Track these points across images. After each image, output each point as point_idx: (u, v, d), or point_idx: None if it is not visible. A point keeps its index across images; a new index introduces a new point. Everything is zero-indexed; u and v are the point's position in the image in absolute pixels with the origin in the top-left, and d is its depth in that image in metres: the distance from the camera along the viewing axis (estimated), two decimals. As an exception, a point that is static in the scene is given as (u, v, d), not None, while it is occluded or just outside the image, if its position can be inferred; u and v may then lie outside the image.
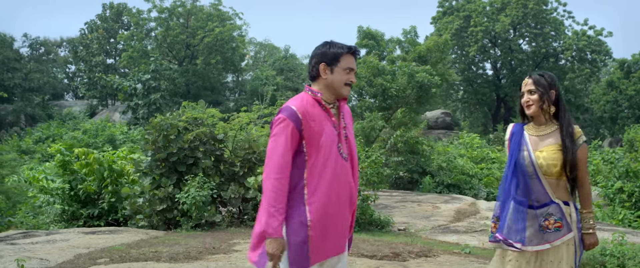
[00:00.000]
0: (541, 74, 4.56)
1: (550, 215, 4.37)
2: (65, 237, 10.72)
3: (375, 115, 24.66)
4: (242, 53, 62.66)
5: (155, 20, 61.23)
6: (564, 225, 4.37)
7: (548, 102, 4.46)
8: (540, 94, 4.45)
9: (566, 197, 4.44)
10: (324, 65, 4.18)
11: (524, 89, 4.55)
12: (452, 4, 58.12)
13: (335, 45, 4.24)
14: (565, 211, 4.40)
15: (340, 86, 4.20)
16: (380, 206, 16.16)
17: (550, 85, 4.48)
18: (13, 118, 63.81)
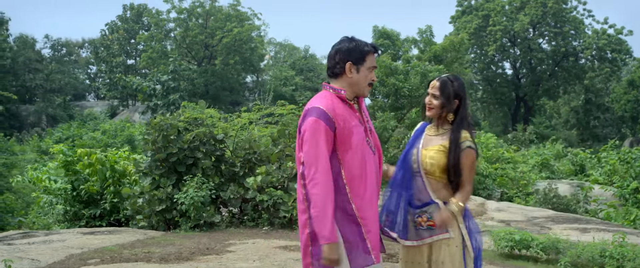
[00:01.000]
0: (451, 80, 4.47)
1: (424, 213, 4.33)
2: (62, 237, 10.73)
3: (387, 115, 24.50)
4: (261, 53, 62.64)
5: (174, 21, 61.45)
6: (438, 224, 4.31)
7: (447, 111, 4.42)
8: (441, 103, 4.42)
9: (448, 199, 4.37)
10: (351, 64, 4.14)
11: (430, 90, 4.51)
12: (471, 3, 57.71)
13: (361, 43, 4.21)
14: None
15: (364, 86, 4.21)
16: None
17: (455, 94, 4.42)
18: (35, 118, 64.34)
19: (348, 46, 4.18)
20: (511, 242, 9.93)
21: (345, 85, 4.18)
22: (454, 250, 4.28)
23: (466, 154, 4.31)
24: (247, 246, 9.87)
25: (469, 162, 4.32)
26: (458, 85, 4.43)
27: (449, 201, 4.33)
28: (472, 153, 4.33)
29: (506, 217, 14.25)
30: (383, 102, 26.38)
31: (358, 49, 4.16)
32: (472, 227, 4.45)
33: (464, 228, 4.35)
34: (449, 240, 4.28)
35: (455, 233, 4.30)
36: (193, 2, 59.74)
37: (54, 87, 68.64)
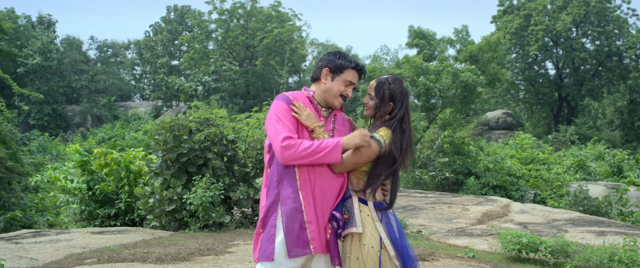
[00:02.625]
0: (388, 82, 4.38)
1: (345, 207, 4.26)
2: (71, 237, 10.79)
3: (417, 116, 24.34)
4: (302, 54, 62.72)
5: (215, 22, 61.84)
6: (350, 218, 4.21)
7: (380, 112, 4.34)
8: (374, 104, 4.36)
9: (366, 196, 4.27)
10: (327, 70, 4.30)
11: (368, 90, 4.44)
12: (512, 2, 57.06)
13: (345, 58, 4.34)
14: (357, 206, 4.23)
15: (334, 95, 4.30)
16: (409, 208, 15.91)
17: (390, 97, 4.33)
18: (80, 119, 65.29)
19: (332, 57, 4.34)
20: (518, 245, 9.72)
21: (319, 91, 4.33)
22: (367, 250, 4.13)
23: (371, 141, 4.21)
24: (250, 247, 9.81)
25: (366, 153, 4.19)
26: (394, 88, 4.34)
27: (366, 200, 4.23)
28: (373, 142, 4.18)
29: (526, 219, 14.00)
30: (414, 102, 26.17)
31: (340, 61, 4.29)
32: (394, 232, 4.28)
33: (381, 227, 4.19)
34: (356, 236, 4.17)
35: (366, 231, 4.16)
36: (234, 3, 60.09)
37: (98, 87, 69.61)
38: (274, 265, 4.08)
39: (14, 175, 16.92)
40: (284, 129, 4.05)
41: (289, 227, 4.06)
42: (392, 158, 4.24)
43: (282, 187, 4.13)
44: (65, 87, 66.89)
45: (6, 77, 18.01)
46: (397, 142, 4.24)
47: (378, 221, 4.20)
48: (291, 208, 4.07)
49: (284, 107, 4.13)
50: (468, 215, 14.62)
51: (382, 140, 4.20)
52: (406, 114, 4.34)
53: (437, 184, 24.08)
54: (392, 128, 4.25)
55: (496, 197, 19.52)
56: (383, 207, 4.29)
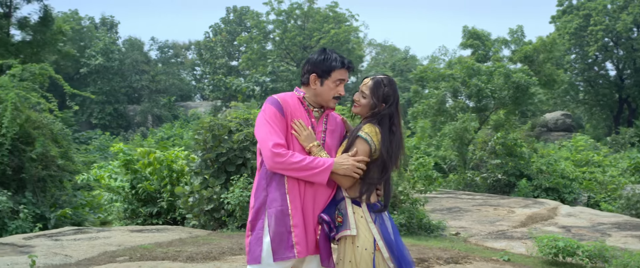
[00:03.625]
0: (384, 83, 4.34)
1: (337, 209, 4.24)
2: (110, 234, 10.96)
3: (468, 117, 24.09)
4: (359, 54, 62.61)
5: (273, 23, 62.14)
6: (344, 221, 4.19)
7: (371, 113, 4.29)
8: (368, 102, 4.32)
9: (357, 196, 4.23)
10: (315, 76, 4.27)
11: (361, 87, 4.39)
12: (572, 2, 56.01)
13: (330, 58, 4.27)
14: (350, 208, 4.20)
15: (327, 99, 4.30)
16: (453, 210, 15.77)
17: (384, 98, 4.30)
18: (141, 118, 66.39)
19: (316, 59, 4.30)
20: (554, 248, 9.54)
21: (309, 94, 4.32)
22: (360, 252, 4.12)
23: (356, 143, 4.20)
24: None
25: (360, 151, 4.19)
26: (389, 90, 4.32)
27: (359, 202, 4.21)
28: (362, 144, 4.18)
29: (571, 222, 13.74)
30: (465, 103, 25.95)
31: (325, 63, 4.25)
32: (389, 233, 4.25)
33: (374, 228, 4.17)
34: (350, 238, 4.15)
35: (360, 233, 4.14)
36: (291, 3, 60.34)
37: (159, 87, 70.65)
38: (261, 267, 4.09)
39: (65, 174, 17.25)
40: (273, 134, 4.06)
41: (275, 230, 4.06)
42: (383, 163, 4.22)
43: (270, 190, 4.13)
44: (127, 87, 68.12)
45: (58, 77, 18.32)
46: (387, 145, 4.22)
47: (372, 222, 4.18)
48: (278, 211, 4.07)
49: (273, 111, 4.14)
50: (512, 218, 14.43)
51: (368, 138, 4.18)
52: (395, 113, 4.30)
53: (489, 186, 23.80)
54: (378, 123, 4.23)
55: (545, 199, 19.20)
56: (377, 208, 4.25)
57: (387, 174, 4.29)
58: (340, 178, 4.16)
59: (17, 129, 15.00)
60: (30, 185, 15.62)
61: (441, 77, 25.27)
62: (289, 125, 4.17)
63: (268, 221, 4.08)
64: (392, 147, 4.24)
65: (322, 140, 4.29)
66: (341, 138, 4.48)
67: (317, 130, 4.28)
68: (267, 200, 4.12)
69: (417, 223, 12.14)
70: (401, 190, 12.27)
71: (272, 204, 4.09)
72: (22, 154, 15.51)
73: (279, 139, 4.06)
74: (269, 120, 4.11)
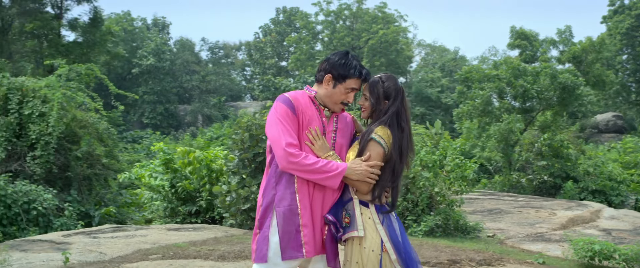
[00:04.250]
0: (382, 81, 4.34)
1: (345, 210, 4.22)
2: (147, 232, 11.13)
3: (513, 118, 23.84)
4: (407, 55, 62.38)
5: (322, 24, 62.27)
6: (351, 222, 4.17)
7: (377, 112, 4.30)
8: (369, 104, 4.33)
9: (365, 197, 4.22)
10: (330, 77, 4.25)
11: (363, 91, 4.40)
12: (624, 2, 55.02)
13: (350, 65, 4.24)
14: (358, 209, 4.18)
15: (335, 101, 4.28)
16: (494, 211, 15.63)
17: (385, 95, 4.29)
18: (191, 118, 67.01)
19: (336, 61, 4.27)
20: (590, 252, 9.40)
21: (321, 93, 4.28)
22: (367, 254, 4.10)
23: (369, 146, 4.17)
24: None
25: (368, 154, 4.17)
26: (388, 86, 4.30)
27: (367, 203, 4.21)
28: (376, 147, 4.16)
29: (612, 225, 13.53)
30: (510, 104, 25.69)
31: (343, 68, 4.23)
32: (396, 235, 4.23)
33: (382, 230, 4.16)
34: (357, 239, 4.14)
35: (368, 234, 4.13)
36: (340, 4, 60.39)
37: (209, 88, 71.26)
38: (268, 266, 4.09)
39: (110, 172, 17.55)
40: (285, 134, 4.06)
41: (284, 229, 4.05)
42: (393, 164, 4.20)
43: (279, 188, 4.13)
44: (178, 87, 68.84)
45: (104, 77, 18.65)
46: (398, 146, 4.20)
47: (379, 224, 4.16)
48: (287, 210, 4.07)
49: (284, 110, 4.12)
50: (553, 220, 14.25)
51: (382, 141, 4.16)
52: (402, 110, 4.28)
53: (535, 188, 23.55)
54: (388, 124, 4.20)
55: (590, 202, 18.92)
56: (386, 210, 4.24)
57: (398, 175, 4.27)
58: (357, 182, 4.16)
59: (63, 128, 15.28)
60: (76, 184, 15.92)
61: (486, 78, 25.06)
62: (301, 123, 4.16)
63: (277, 220, 4.08)
64: (402, 147, 4.24)
65: (333, 140, 4.28)
66: (351, 137, 4.47)
67: (327, 130, 4.27)
68: (276, 199, 4.12)
69: (454, 224, 12.08)
70: (438, 191, 12.22)
71: (281, 203, 4.09)
72: (68, 153, 15.81)
73: (292, 139, 4.06)
74: (281, 119, 4.10)
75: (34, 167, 14.98)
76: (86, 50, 38.07)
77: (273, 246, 4.07)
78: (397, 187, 4.32)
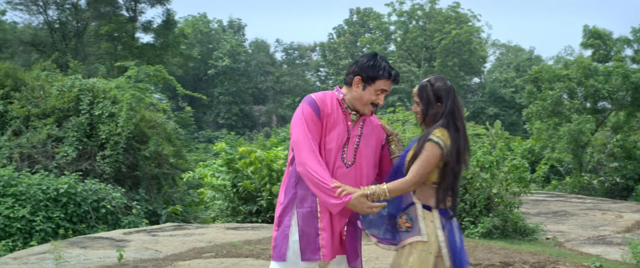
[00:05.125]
0: (430, 84, 4.29)
1: (405, 214, 4.20)
2: (205, 231, 11.34)
3: (583, 118, 23.40)
4: (481, 55, 61.69)
5: (394, 24, 62.14)
6: (413, 226, 4.15)
7: (430, 115, 4.25)
8: (421, 109, 4.30)
9: (428, 201, 4.19)
10: (359, 79, 4.23)
11: (413, 97, 4.40)
12: None
13: (379, 66, 4.22)
14: (421, 213, 4.16)
15: (365, 103, 4.25)
16: (559, 213, 15.43)
17: (436, 97, 4.24)
18: (265, 118, 67.76)
19: (365, 63, 4.25)
20: (649, 255, 9.22)
21: (350, 96, 4.26)
22: (425, 256, 4.09)
23: (426, 146, 4.14)
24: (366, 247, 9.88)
25: (424, 154, 4.13)
26: (438, 87, 4.25)
27: (430, 207, 4.18)
28: (433, 147, 4.12)
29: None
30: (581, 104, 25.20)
31: (373, 70, 4.21)
32: (455, 240, 4.23)
33: (442, 235, 4.14)
34: (420, 244, 4.12)
35: (430, 238, 4.12)
36: (413, 4, 60.14)
37: (284, 88, 71.87)
38: (286, 265, 4.13)
39: (177, 172, 17.93)
40: (308, 138, 4.07)
41: (303, 230, 4.09)
42: (454, 165, 4.19)
43: (299, 188, 4.15)
44: (253, 88, 69.65)
45: (171, 78, 19.07)
46: (455, 144, 4.17)
47: (440, 229, 4.17)
48: (307, 212, 4.10)
49: (309, 112, 4.13)
50: (618, 223, 13.97)
51: (440, 141, 4.13)
52: (456, 109, 4.24)
53: (606, 190, 23.10)
54: (446, 126, 4.17)
55: (662, 204, 18.46)
56: (449, 215, 4.23)
57: (457, 177, 4.25)
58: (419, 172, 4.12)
59: (132, 128, 15.67)
60: (144, 183, 16.33)
61: (556, 78, 24.63)
62: (325, 127, 4.17)
63: (297, 220, 4.12)
64: (460, 147, 4.21)
65: (356, 145, 4.25)
66: (379, 142, 4.45)
67: (352, 134, 4.24)
68: (296, 198, 4.15)
69: (512, 226, 11.95)
70: (495, 192, 12.11)
71: (302, 204, 4.13)
72: (136, 152, 16.22)
73: (314, 145, 4.08)
74: (307, 122, 4.11)
75: (103, 166, 15.40)
76: (159, 52, 38.87)
77: (292, 245, 4.11)
78: (456, 190, 4.29)
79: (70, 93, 16.01)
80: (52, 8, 37.06)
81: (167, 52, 39.89)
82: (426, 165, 4.12)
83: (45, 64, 20.43)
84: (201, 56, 65.42)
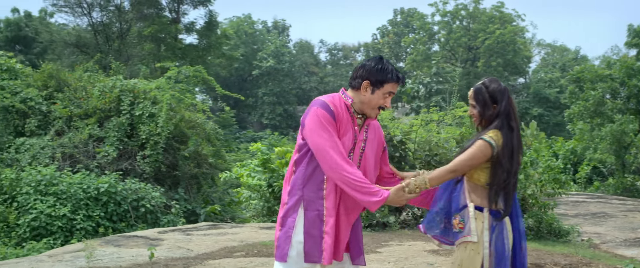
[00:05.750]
0: (485, 86, 4.33)
1: (458, 215, 4.25)
2: (239, 231, 11.45)
3: (626, 118, 23.05)
4: (525, 55, 61.13)
5: (438, 24, 61.92)
6: (465, 227, 4.20)
7: (486, 117, 4.31)
8: (478, 111, 4.33)
9: (481, 203, 4.22)
10: (368, 83, 4.22)
11: (469, 100, 4.41)
12: None
13: (387, 70, 4.23)
14: (472, 214, 4.19)
15: (373, 108, 4.26)
16: (598, 215, 15.24)
17: (491, 99, 4.28)
18: (308, 119, 67.83)
19: (373, 67, 4.24)
20: (683, 258, 9.07)
21: (357, 100, 4.26)
22: (472, 255, 4.18)
23: (477, 143, 4.20)
24: (399, 248, 9.93)
25: (472, 149, 4.20)
26: (493, 89, 4.31)
27: (482, 208, 4.23)
28: (484, 145, 4.17)
29: None
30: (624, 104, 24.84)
31: (381, 73, 4.21)
32: (503, 241, 4.25)
33: (487, 236, 4.19)
34: (470, 244, 4.20)
35: (480, 238, 4.19)
36: (457, 4, 59.85)
37: (328, 89, 71.94)
38: (288, 265, 4.15)
39: (216, 171, 18.12)
40: (334, 142, 4.06)
41: (309, 232, 4.10)
42: (507, 164, 4.21)
43: (306, 191, 4.15)
44: (296, 89, 69.92)
45: (211, 79, 19.26)
46: (509, 144, 4.22)
47: (487, 229, 4.21)
48: (313, 215, 4.11)
49: (327, 116, 4.10)
50: (658, 226, 13.77)
51: (492, 141, 4.17)
52: (511, 109, 4.28)
53: (653, 192, 22.78)
54: (500, 127, 4.22)
55: None
56: (500, 216, 4.25)
57: (513, 176, 4.27)
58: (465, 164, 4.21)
59: (172, 128, 15.88)
60: (183, 182, 16.54)
61: (599, 78, 24.33)
62: (338, 131, 4.15)
63: (303, 221, 4.12)
64: (514, 146, 4.24)
65: (361, 149, 4.27)
66: (380, 145, 4.50)
67: (358, 139, 4.25)
68: (303, 201, 4.15)
69: (546, 227, 11.85)
70: (530, 193, 12.02)
71: (309, 206, 4.13)
72: (176, 152, 16.44)
73: (341, 148, 4.08)
74: (327, 125, 4.08)
75: (143, 165, 15.64)
76: (202, 53, 39.28)
77: (296, 246, 4.12)
78: (509, 189, 4.28)
79: (112, 94, 16.29)
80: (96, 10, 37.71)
81: (210, 53, 40.30)
82: (471, 158, 4.20)
83: (88, 65, 20.82)
84: (245, 57, 65.90)
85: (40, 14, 51.50)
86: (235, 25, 68.87)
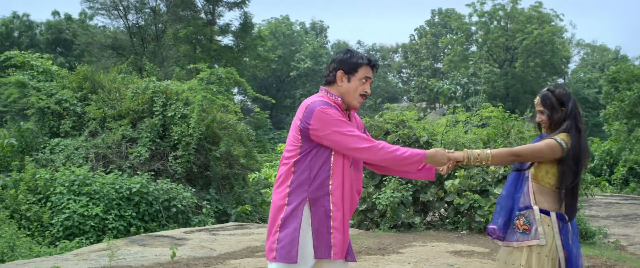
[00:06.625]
0: (551, 91, 4.49)
1: (522, 216, 4.36)
2: (264, 231, 11.51)
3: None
4: (564, 55, 60.48)
5: (475, 25, 61.52)
6: (531, 230, 4.30)
7: (556, 121, 4.45)
8: (547, 116, 4.47)
9: (548, 207, 4.34)
10: (342, 73, 4.29)
11: (536, 108, 4.55)
12: None
13: (356, 55, 4.32)
14: (539, 218, 4.30)
15: (354, 96, 4.32)
16: (630, 216, 15.13)
17: (559, 103, 4.43)
18: (346, 120, 67.90)
19: (342, 57, 4.33)
20: None
21: (338, 94, 4.32)
22: (542, 259, 4.26)
23: (548, 141, 4.34)
24: (422, 249, 9.96)
25: (541, 144, 4.35)
26: (559, 93, 4.48)
27: (548, 211, 4.33)
28: (554, 144, 4.30)
29: None
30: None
31: (351, 60, 4.29)
32: (570, 244, 4.35)
33: (559, 239, 4.29)
34: (538, 247, 4.29)
35: (547, 242, 4.28)
36: (494, 4, 59.36)
37: (365, 90, 71.92)
38: (297, 266, 4.16)
39: (248, 172, 18.26)
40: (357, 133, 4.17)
41: (318, 229, 4.15)
42: (573, 165, 4.32)
43: (312, 190, 4.18)
44: (334, 90, 69.89)
45: (242, 80, 19.43)
46: (577, 145, 4.33)
47: (557, 233, 4.31)
48: (320, 212, 4.16)
49: (335, 112, 4.15)
50: (691, 228, 13.62)
51: (563, 142, 4.30)
52: (577, 111, 4.42)
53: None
54: (568, 130, 4.36)
55: None
56: (565, 219, 4.36)
57: (579, 178, 4.39)
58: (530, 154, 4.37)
59: (204, 129, 16.04)
60: (215, 183, 16.69)
61: (635, 78, 24.07)
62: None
63: (310, 219, 4.16)
64: (581, 148, 4.36)
65: None
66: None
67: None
68: (309, 200, 4.17)
69: (573, 229, 11.76)
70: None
71: (315, 204, 4.17)
72: (208, 153, 16.60)
73: (366, 136, 4.25)
74: (344, 121, 4.15)
75: (175, 166, 15.82)
76: (237, 54, 39.51)
77: (305, 245, 4.15)
78: (575, 193, 4.41)
79: (144, 95, 16.50)
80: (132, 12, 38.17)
81: (245, 54, 40.53)
82: (537, 150, 4.35)
83: (122, 67, 21.09)
84: (283, 58, 66.08)
85: (80, 16, 52.37)
86: (273, 26, 69.09)
